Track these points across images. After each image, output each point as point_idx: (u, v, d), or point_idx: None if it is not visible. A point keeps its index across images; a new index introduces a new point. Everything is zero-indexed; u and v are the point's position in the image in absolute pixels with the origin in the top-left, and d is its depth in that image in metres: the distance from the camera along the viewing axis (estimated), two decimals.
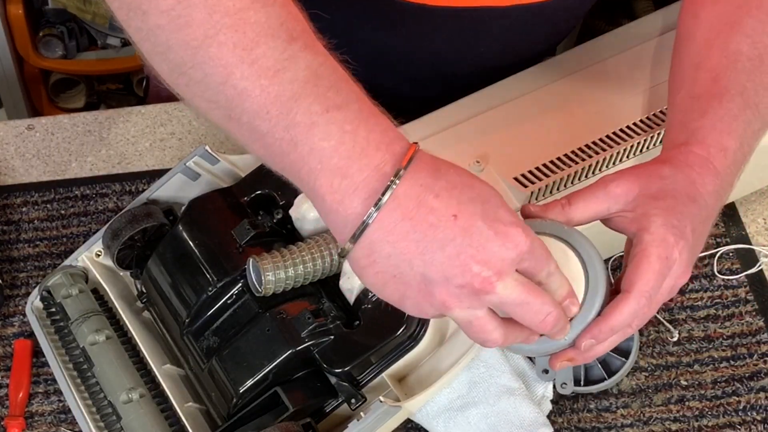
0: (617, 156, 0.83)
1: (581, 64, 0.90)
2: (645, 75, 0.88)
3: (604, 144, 0.83)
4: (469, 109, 0.86)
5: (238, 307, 0.77)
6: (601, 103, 0.86)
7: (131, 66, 1.91)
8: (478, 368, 0.80)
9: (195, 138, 1.01)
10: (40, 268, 0.92)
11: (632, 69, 0.89)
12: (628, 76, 0.89)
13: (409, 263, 0.56)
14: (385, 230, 0.56)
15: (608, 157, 0.82)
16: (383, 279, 0.58)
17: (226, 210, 0.80)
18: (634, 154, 0.84)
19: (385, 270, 0.57)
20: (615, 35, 0.93)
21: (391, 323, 0.74)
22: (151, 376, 0.79)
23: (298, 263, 0.75)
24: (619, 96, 0.87)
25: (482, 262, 0.56)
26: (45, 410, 0.84)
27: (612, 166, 0.83)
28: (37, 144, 1.00)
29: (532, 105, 0.87)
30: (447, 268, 0.56)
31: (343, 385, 0.74)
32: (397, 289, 0.58)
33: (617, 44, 0.92)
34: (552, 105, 0.87)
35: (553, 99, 0.88)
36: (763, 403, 0.85)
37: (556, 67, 0.90)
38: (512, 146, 0.83)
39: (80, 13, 1.82)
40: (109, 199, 0.96)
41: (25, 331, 0.88)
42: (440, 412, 0.79)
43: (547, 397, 0.82)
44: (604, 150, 0.82)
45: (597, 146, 0.83)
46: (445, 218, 0.55)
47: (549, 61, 0.92)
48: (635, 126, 0.84)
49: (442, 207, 0.56)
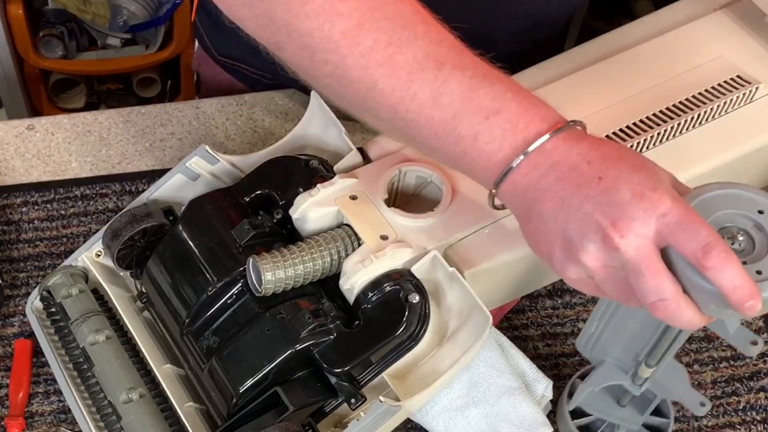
0: None
1: (581, 64, 0.90)
2: (645, 75, 0.88)
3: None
4: None
5: (238, 307, 0.77)
6: (600, 103, 0.86)
7: (131, 66, 1.92)
8: (478, 368, 0.80)
9: (195, 138, 1.01)
10: (40, 268, 0.92)
11: (632, 69, 0.89)
12: (628, 76, 0.89)
13: (555, 220, 0.62)
14: (540, 190, 0.62)
15: None
16: (536, 237, 0.64)
17: (226, 210, 0.80)
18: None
19: (537, 228, 0.63)
20: (615, 35, 0.93)
21: (391, 323, 0.74)
22: (151, 376, 0.79)
23: (298, 263, 0.75)
24: (618, 96, 0.87)
25: (613, 219, 0.59)
26: (45, 410, 0.84)
27: None
28: (37, 144, 1.00)
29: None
30: (583, 225, 0.60)
31: (343, 385, 0.74)
32: (546, 247, 0.63)
33: (617, 44, 0.92)
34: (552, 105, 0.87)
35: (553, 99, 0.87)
36: (763, 403, 0.85)
37: (556, 67, 0.90)
38: None
39: (80, 13, 1.82)
40: (109, 199, 0.96)
41: (25, 331, 0.88)
42: (440, 412, 0.79)
43: (547, 397, 0.82)
44: None
45: None
46: (592, 179, 0.61)
47: (549, 61, 0.92)
48: (635, 126, 0.84)
49: (591, 171, 0.61)
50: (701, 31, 0.90)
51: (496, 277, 0.79)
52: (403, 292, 0.74)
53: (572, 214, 0.61)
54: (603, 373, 0.76)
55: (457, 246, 0.78)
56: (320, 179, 0.80)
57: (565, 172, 0.62)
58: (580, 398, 0.79)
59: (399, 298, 0.74)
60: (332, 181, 0.79)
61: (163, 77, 1.98)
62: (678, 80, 0.87)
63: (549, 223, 0.62)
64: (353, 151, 0.83)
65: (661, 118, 0.84)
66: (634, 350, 0.73)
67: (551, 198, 0.62)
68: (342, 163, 0.83)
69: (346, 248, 0.77)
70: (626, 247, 0.59)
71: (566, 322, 0.90)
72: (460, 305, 0.75)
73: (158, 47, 1.90)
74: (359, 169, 0.82)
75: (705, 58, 0.87)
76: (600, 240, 0.59)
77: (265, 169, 0.83)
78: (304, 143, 0.87)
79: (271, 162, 0.83)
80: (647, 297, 0.59)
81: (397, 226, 0.77)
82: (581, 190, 0.61)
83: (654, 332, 0.70)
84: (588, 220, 0.60)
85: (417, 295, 0.74)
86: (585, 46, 0.93)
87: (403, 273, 0.75)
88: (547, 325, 0.90)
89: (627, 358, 0.74)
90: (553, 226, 0.62)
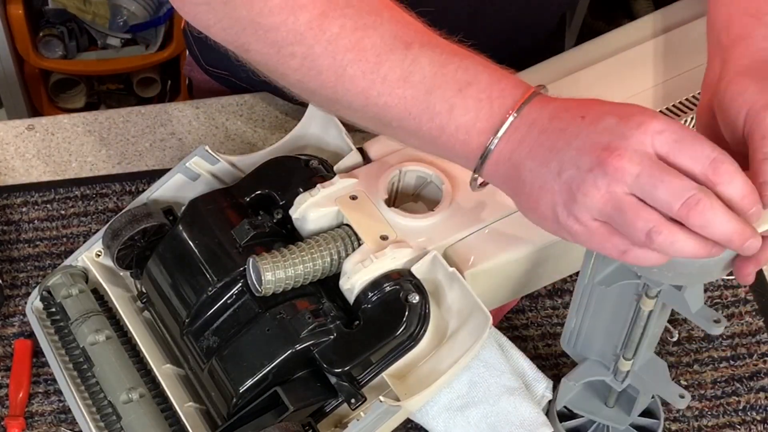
0: None
1: (581, 64, 0.90)
2: (645, 75, 0.88)
3: None
4: None
5: (238, 307, 0.77)
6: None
7: (131, 66, 1.92)
8: (478, 368, 0.80)
9: (195, 138, 1.01)
10: (40, 268, 0.92)
11: (632, 69, 0.89)
12: (628, 76, 0.89)
13: (548, 169, 0.60)
14: (526, 148, 0.61)
15: None
16: (533, 197, 0.62)
17: (226, 210, 0.80)
18: None
19: (532, 186, 0.61)
20: (615, 35, 0.93)
21: (391, 323, 0.74)
22: (151, 376, 0.79)
23: (298, 263, 0.75)
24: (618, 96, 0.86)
25: (605, 143, 0.57)
26: (45, 410, 0.84)
27: None
28: (37, 144, 1.00)
29: None
30: (577, 159, 0.59)
31: (343, 385, 0.74)
32: (548, 201, 0.61)
33: (617, 44, 0.92)
34: None
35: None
36: (762, 403, 0.85)
37: (556, 66, 0.90)
38: None
39: (80, 13, 1.82)
40: (109, 199, 0.96)
41: (25, 331, 0.88)
42: (440, 412, 0.79)
43: (547, 397, 0.82)
44: None
45: None
46: (574, 119, 0.60)
47: (548, 61, 0.92)
48: None
49: (571, 115, 0.60)
50: (701, 31, 0.90)
51: (496, 277, 0.79)
52: (403, 292, 0.74)
53: (564, 155, 0.59)
54: (585, 369, 0.77)
55: (457, 246, 0.78)
56: (320, 179, 0.80)
57: (546, 124, 0.61)
58: (566, 397, 0.79)
59: (399, 298, 0.74)
60: (332, 181, 0.79)
61: (163, 77, 1.98)
62: (678, 80, 0.87)
63: (543, 175, 0.61)
64: (353, 151, 0.83)
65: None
66: (612, 343, 0.73)
67: (539, 150, 0.61)
68: (342, 163, 0.83)
69: (346, 248, 0.77)
70: (629, 163, 0.56)
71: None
72: (460, 305, 0.75)
73: (158, 47, 1.90)
74: (359, 169, 0.82)
75: (705, 58, 0.87)
76: (599, 166, 0.57)
77: (265, 169, 0.83)
78: (304, 143, 0.87)
79: (271, 162, 0.83)
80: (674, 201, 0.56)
81: (397, 226, 0.77)
82: (566, 132, 0.60)
83: (624, 323, 0.71)
84: (581, 154, 0.58)
85: (417, 295, 0.74)
86: (585, 46, 0.93)
87: (403, 273, 0.75)
88: (547, 325, 0.90)
89: (607, 353, 0.75)
90: (547, 176, 0.60)
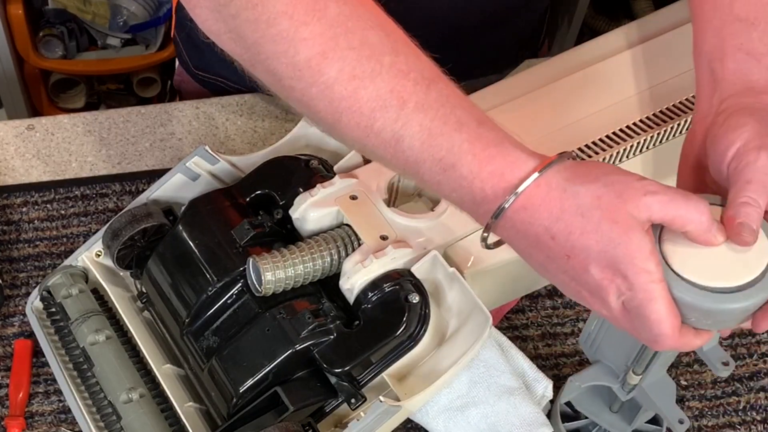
0: (617, 156, 0.83)
1: (581, 64, 0.90)
2: (645, 75, 0.88)
3: (603, 144, 0.83)
4: None
5: (238, 307, 0.77)
6: (600, 103, 0.86)
7: (131, 66, 1.91)
8: (478, 368, 0.80)
9: (195, 138, 1.01)
10: (40, 268, 0.92)
11: (632, 69, 0.89)
12: (628, 76, 0.89)
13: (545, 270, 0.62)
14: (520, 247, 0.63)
15: (608, 158, 0.82)
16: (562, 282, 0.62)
17: (226, 210, 0.80)
18: (634, 153, 0.84)
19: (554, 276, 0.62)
20: (615, 35, 0.93)
21: (391, 323, 0.74)
22: (151, 376, 0.79)
23: (298, 263, 0.75)
24: (618, 96, 0.87)
25: (591, 290, 0.60)
26: (45, 410, 0.84)
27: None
28: (37, 144, 1.00)
29: (532, 105, 0.87)
30: (568, 289, 0.62)
31: (343, 385, 0.74)
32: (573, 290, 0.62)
33: (617, 44, 0.92)
34: (552, 105, 0.87)
35: (553, 99, 0.88)
36: (762, 403, 0.85)
37: (556, 67, 0.90)
38: None
39: (80, 13, 1.82)
40: (109, 199, 0.96)
41: (25, 331, 0.88)
42: (440, 412, 0.79)
43: (547, 397, 0.82)
44: (604, 150, 0.82)
45: (597, 146, 0.83)
46: (560, 256, 0.60)
47: (548, 61, 0.92)
48: (635, 126, 0.84)
49: (557, 247, 0.60)
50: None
51: (496, 277, 0.79)
52: (403, 292, 0.74)
53: (557, 276, 0.62)
54: (594, 372, 0.76)
55: (457, 246, 0.78)
56: (320, 179, 0.80)
57: (532, 241, 0.61)
58: (571, 394, 0.79)
59: (399, 298, 0.74)
60: (332, 181, 0.79)
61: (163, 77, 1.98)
62: (678, 80, 0.87)
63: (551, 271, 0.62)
64: (353, 151, 0.83)
65: (661, 119, 0.85)
66: (624, 354, 0.73)
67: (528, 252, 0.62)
68: (342, 163, 0.83)
69: (346, 248, 0.77)
70: (616, 302, 0.59)
71: (566, 322, 0.90)
72: (460, 305, 0.75)
73: (158, 47, 1.90)
74: (359, 169, 0.82)
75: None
76: (595, 299, 0.60)
77: (265, 169, 0.83)
78: (304, 143, 0.87)
79: (271, 162, 0.83)
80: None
81: (397, 226, 0.77)
82: (552, 262, 0.61)
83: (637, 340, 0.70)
84: (569, 287, 0.61)
85: (417, 295, 0.74)
86: (585, 47, 0.93)
87: (403, 273, 0.75)
88: (547, 325, 0.90)
89: (619, 362, 0.75)
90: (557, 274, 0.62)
